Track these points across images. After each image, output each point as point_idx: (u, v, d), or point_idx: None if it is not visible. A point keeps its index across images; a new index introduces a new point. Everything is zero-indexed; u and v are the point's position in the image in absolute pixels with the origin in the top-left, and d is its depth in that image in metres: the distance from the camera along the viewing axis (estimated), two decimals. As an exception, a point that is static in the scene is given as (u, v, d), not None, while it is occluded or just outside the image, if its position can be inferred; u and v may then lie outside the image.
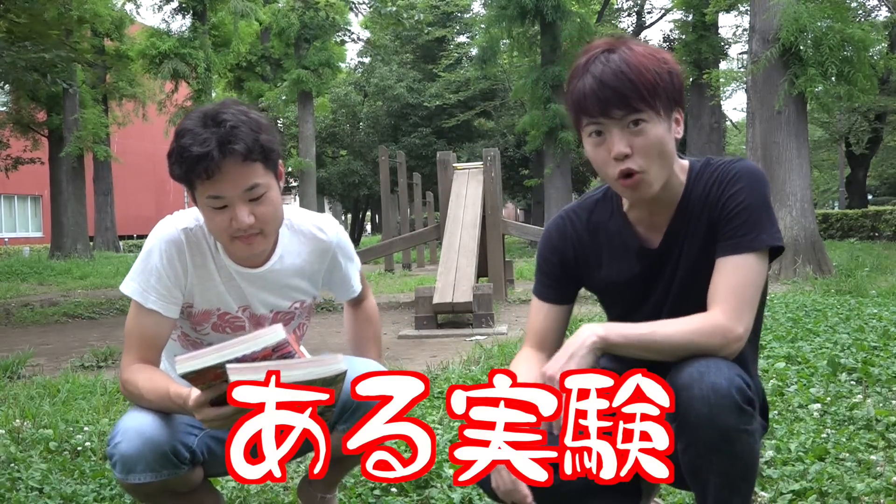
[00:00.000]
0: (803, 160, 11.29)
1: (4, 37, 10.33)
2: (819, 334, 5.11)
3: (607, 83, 1.57)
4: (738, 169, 1.68)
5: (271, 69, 26.47)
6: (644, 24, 31.25)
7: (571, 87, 1.64)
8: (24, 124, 21.77)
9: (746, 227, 1.64)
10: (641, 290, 1.78)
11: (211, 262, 1.94)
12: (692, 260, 1.71)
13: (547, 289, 1.87)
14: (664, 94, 1.60)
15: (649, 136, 1.60)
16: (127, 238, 33.05)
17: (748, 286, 1.63)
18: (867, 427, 3.00)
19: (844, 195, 32.70)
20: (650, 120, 1.59)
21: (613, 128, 1.60)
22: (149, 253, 1.92)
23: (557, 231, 1.86)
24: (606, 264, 1.80)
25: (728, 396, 1.50)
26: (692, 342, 1.59)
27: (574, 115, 1.66)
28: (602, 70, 1.58)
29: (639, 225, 1.77)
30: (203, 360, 1.53)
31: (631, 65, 1.58)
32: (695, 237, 1.71)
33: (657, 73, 1.59)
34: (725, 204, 1.66)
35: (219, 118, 1.74)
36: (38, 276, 15.13)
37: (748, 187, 1.65)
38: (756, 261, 1.64)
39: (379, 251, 11.46)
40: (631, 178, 1.61)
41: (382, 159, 16.32)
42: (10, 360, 5.29)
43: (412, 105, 30.63)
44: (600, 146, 1.63)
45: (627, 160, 1.60)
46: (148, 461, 1.78)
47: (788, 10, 10.43)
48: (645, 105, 1.58)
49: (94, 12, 18.58)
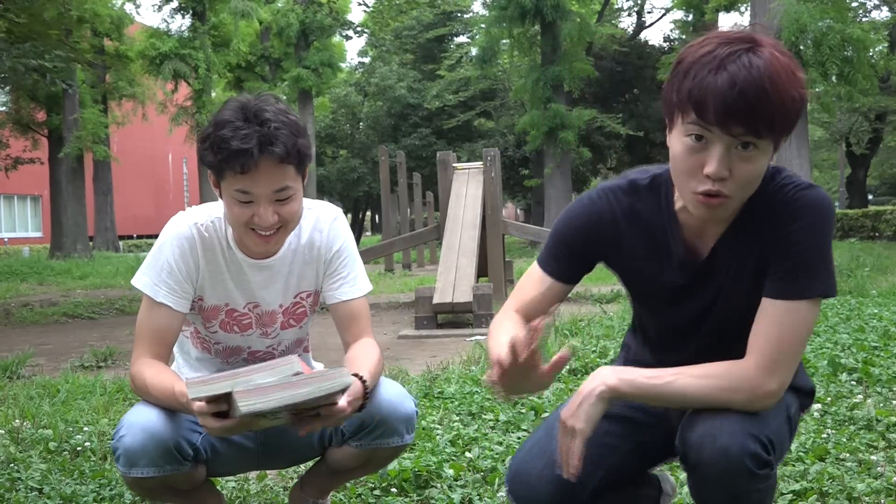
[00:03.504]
0: (803, 160, 11.30)
1: (4, 37, 10.32)
2: (819, 334, 5.11)
3: (747, 96, 1.33)
4: (804, 201, 1.47)
5: (271, 69, 26.48)
6: (644, 24, 31.26)
7: (696, 75, 1.38)
8: (23, 124, 21.75)
9: (801, 271, 1.46)
10: (678, 297, 1.62)
11: (221, 257, 1.95)
12: (741, 282, 1.55)
13: (557, 262, 1.67)
14: (790, 126, 1.40)
15: (754, 165, 1.40)
16: (126, 238, 33.06)
17: (793, 339, 1.47)
18: (867, 427, 3.00)
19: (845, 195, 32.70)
20: (762, 148, 1.39)
21: (722, 142, 1.38)
22: (160, 248, 1.93)
23: (592, 208, 1.63)
24: (643, 259, 1.62)
25: (739, 464, 1.41)
26: (713, 397, 1.47)
27: (681, 105, 1.41)
28: (745, 77, 1.33)
29: (689, 229, 1.58)
30: (215, 386, 1.54)
31: (775, 83, 1.34)
32: (748, 257, 1.54)
33: (792, 100, 1.37)
34: (782, 240, 1.48)
35: (261, 115, 1.75)
36: (37, 276, 15.12)
37: (811, 227, 1.46)
38: (806, 310, 1.47)
39: (379, 251, 11.45)
40: (714, 199, 1.42)
41: (382, 159, 16.31)
42: (10, 360, 5.28)
43: (412, 106, 30.64)
44: (694, 153, 1.41)
45: (720, 183, 1.40)
46: (151, 456, 1.79)
47: (789, 11, 10.44)
48: (769, 134, 1.37)
49: (93, 12, 18.61)
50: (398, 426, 1.94)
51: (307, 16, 24.49)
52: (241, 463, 2.11)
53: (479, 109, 29.93)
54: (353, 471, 2.10)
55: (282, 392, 1.48)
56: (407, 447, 2.04)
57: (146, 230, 36.98)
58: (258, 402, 1.46)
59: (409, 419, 1.95)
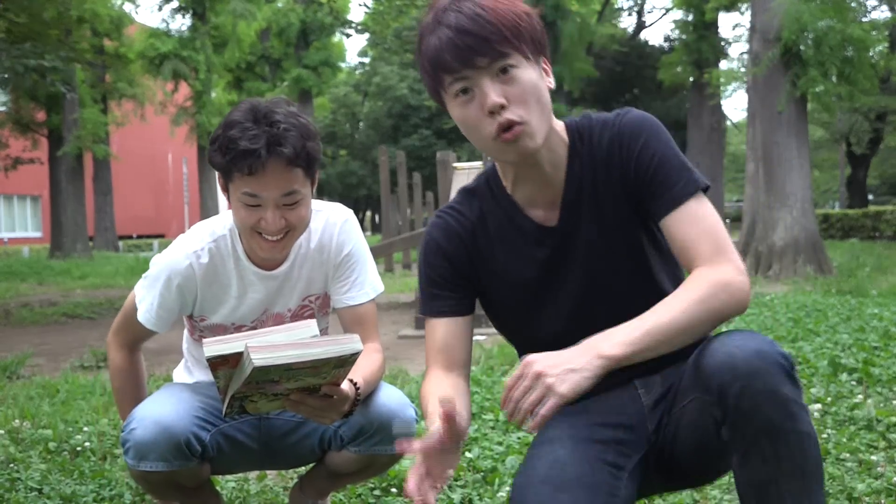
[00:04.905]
0: (804, 160, 11.29)
1: (4, 37, 10.32)
2: (820, 334, 5.11)
3: (466, 29, 1.37)
4: (632, 121, 1.49)
5: (271, 69, 26.50)
6: (644, 24, 31.28)
7: (424, 47, 1.43)
8: (23, 124, 21.75)
9: (674, 177, 1.44)
10: (552, 277, 1.53)
11: (230, 273, 1.94)
12: (602, 233, 1.50)
13: (441, 301, 1.58)
14: (528, 36, 1.41)
15: (523, 82, 1.40)
16: (126, 238, 33.06)
17: (716, 228, 1.42)
18: (868, 427, 3.00)
19: (845, 195, 32.71)
20: (520, 64, 1.40)
21: (481, 79, 1.39)
22: (155, 278, 1.94)
23: (441, 231, 1.59)
24: (503, 257, 1.56)
25: (775, 363, 1.25)
26: (701, 312, 1.34)
27: (432, 77, 1.44)
28: (456, 18, 1.38)
29: (529, 206, 1.54)
30: (230, 346, 1.53)
31: (487, 8, 1.38)
32: (599, 206, 1.50)
33: (515, 14, 1.40)
34: (639, 161, 1.46)
35: (271, 117, 1.74)
36: (37, 276, 15.11)
37: (652, 136, 1.47)
38: (702, 203, 1.44)
39: (379, 251, 11.45)
40: (511, 130, 1.39)
41: (382, 159, 16.31)
42: (10, 360, 5.28)
43: (413, 106, 30.66)
44: (470, 104, 1.41)
45: (504, 112, 1.39)
46: (161, 450, 1.80)
47: (790, 10, 10.44)
48: (511, 48, 1.38)
49: (93, 12, 18.60)
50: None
51: (307, 15, 24.50)
52: (243, 463, 2.13)
53: (479, 109, 29.93)
54: (352, 475, 2.10)
55: (294, 350, 1.47)
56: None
57: (146, 230, 36.99)
58: (270, 356, 1.45)
59: (408, 427, 1.95)
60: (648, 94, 27.30)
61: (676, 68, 22.80)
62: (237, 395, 1.58)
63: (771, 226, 11.14)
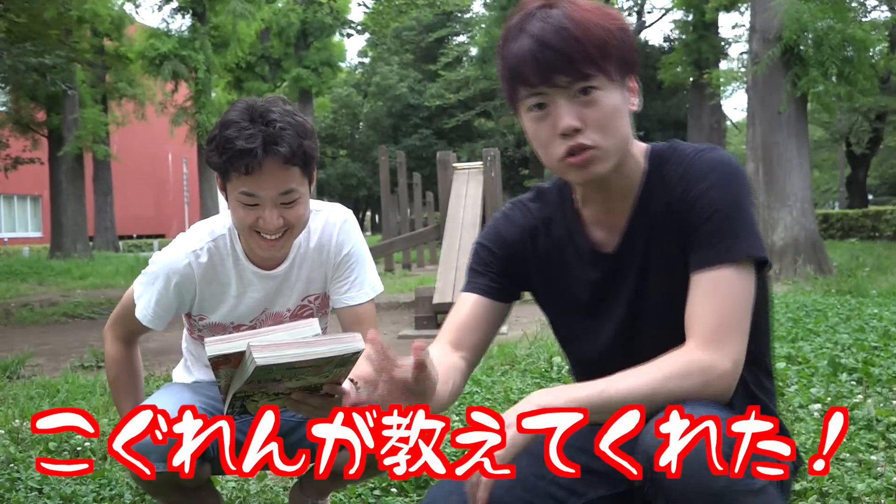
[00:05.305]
0: (803, 160, 11.29)
1: (4, 37, 10.33)
2: (819, 334, 5.11)
3: (549, 43, 1.28)
4: (705, 161, 1.37)
5: (271, 69, 26.50)
6: (644, 24, 31.26)
7: (505, 52, 1.35)
8: (23, 124, 21.75)
9: (719, 234, 1.32)
10: (598, 301, 1.47)
11: (230, 272, 1.95)
12: (655, 269, 1.41)
13: (481, 278, 1.53)
14: (616, 55, 1.32)
15: (603, 106, 1.31)
16: (126, 238, 33.06)
17: (731, 307, 1.30)
18: (868, 427, 3.00)
19: (845, 195, 32.71)
20: (602, 87, 1.31)
21: (559, 98, 1.31)
22: (154, 276, 1.95)
23: (506, 221, 1.55)
24: (557, 268, 1.52)
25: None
26: (663, 390, 1.24)
27: (509, 86, 1.36)
28: (542, 28, 1.29)
29: (594, 225, 1.47)
30: (232, 345, 1.53)
31: (576, 21, 1.29)
32: (658, 242, 1.41)
33: (605, 30, 1.30)
34: (696, 206, 1.34)
35: (267, 116, 1.74)
36: (37, 276, 15.12)
37: (720, 184, 1.34)
38: (736, 276, 1.31)
39: (379, 251, 11.45)
40: (580, 155, 1.32)
41: (382, 159, 16.31)
42: (10, 360, 5.28)
43: (413, 106, 30.69)
44: (543, 121, 1.34)
45: (578, 135, 1.31)
46: (161, 450, 1.78)
47: (790, 10, 10.43)
48: (595, 69, 1.29)
49: (93, 12, 18.60)
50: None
51: (307, 15, 24.50)
52: None
53: (478, 109, 29.95)
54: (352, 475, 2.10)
55: (297, 349, 1.47)
56: None
57: (146, 230, 36.99)
58: (273, 355, 1.45)
59: None
60: (648, 94, 27.31)
61: (676, 68, 22.79)
62: (239, 394, 1.57)
63: (771, 226, 11.15)
